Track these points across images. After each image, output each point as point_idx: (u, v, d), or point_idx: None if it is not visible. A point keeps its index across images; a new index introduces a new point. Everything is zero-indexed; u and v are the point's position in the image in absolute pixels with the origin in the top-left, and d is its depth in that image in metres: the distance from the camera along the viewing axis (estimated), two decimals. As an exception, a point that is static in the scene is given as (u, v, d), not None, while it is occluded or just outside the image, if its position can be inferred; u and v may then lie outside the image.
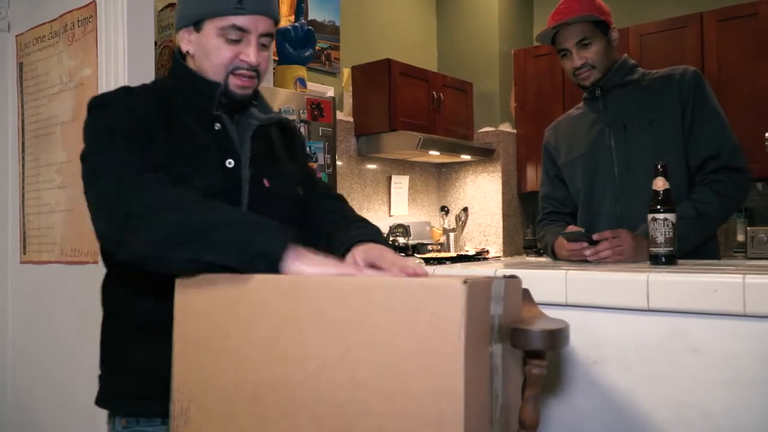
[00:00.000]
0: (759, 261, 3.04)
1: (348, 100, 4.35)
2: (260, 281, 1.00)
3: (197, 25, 1.29)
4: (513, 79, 4.95)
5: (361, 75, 4.33)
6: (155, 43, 2.73)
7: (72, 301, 2.52)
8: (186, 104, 1.32)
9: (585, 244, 1.80)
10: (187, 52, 1.34)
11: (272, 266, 1.00)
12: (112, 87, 2.39)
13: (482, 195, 4.93)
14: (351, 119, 4.34)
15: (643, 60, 4.04)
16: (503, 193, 4.84)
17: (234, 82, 1.30)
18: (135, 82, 2.37)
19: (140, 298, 1.26)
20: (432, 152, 4.37)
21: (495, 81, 4.88)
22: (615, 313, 1.37)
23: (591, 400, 1.39)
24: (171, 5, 2.90)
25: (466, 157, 4.74)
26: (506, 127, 4.91)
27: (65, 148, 2.59)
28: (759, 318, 1.21)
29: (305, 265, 1.00)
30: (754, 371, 1.22)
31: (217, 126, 1.32)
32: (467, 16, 5.02)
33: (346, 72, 4.35)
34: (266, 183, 1.35)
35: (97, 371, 1.34)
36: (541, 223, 2.24)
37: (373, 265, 1.13)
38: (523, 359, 1.03)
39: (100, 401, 1.33)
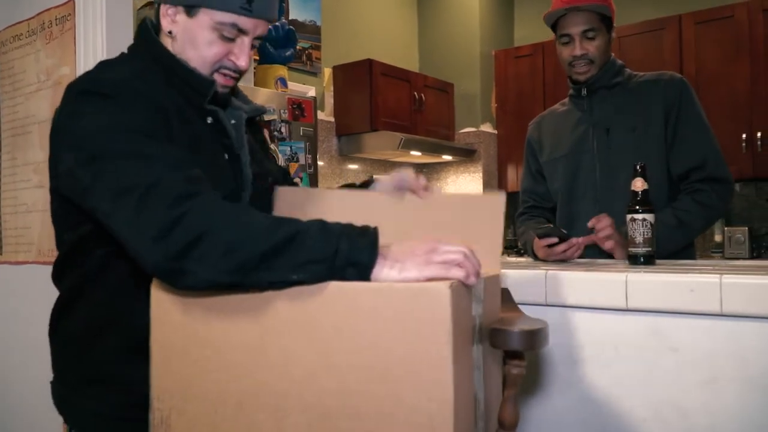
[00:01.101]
0: (736, 261, 3.08)
1: (329, 100, 4.34)
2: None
3: (191, 9, 1.16)
4: (494, 80, 4.97)
5: (343, 75, 4.32)
6: (134, 42, 2.70)
7: (50, 301, 2.48)
8: (173, 93, 1.18)
9: (555, 239, 1.81)
10: (169, 32, 1.20)
11: (363, 276, 0.89)
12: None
13: (463, 195, 4.93)
14: (332, 119, 4.33)
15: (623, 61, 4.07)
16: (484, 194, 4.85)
17: (217, 80, 1.20)
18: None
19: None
20: (413, 152, 4.37)
21: (476, 82, 4.90)
22: (594, 312, 1.38)
23: (570, 400, 1.40)
24: (149, 4, 2.87)
25: (447, 158, 4.75)
26: (487, 128, 4.93)
27: (43, 147, 2.55)
28: (735, 317, 1.22)
29: (397, 272, 0.89)
30: (730, 370, 1.23)
31: (210, 120, 1.21)
32: (448, 17, 5.03)
33: (327, 72, 4.34)
34: (269, 181, 1.29)
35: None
36: (522, 217, 2.23)
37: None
38: (503, 359, 1.04)
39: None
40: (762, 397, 1.20)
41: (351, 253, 0.89)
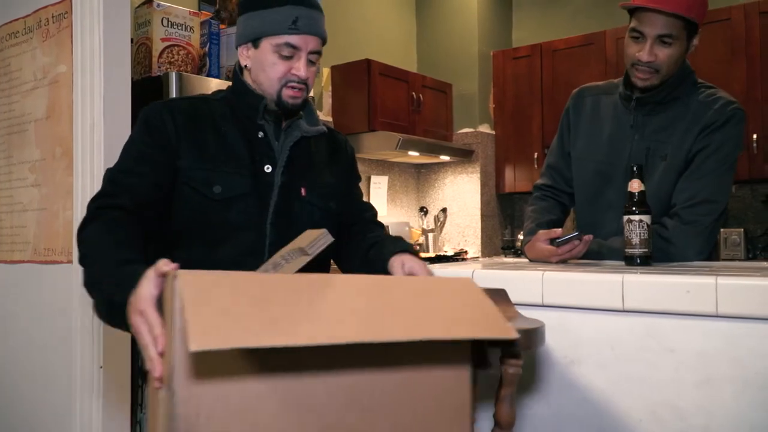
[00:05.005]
0: (731, 262, 3.08)
1: (327, 100, 4.34)
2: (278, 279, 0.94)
3: (255, 42, 1.46)
4: (492, 81, 4.97)
5: (341, 75, 4.32)
6: (131, 40, 2.70)
7: (44, 300, 2.48)
8: (235, 115, 1.49)
9: (576, 243, 1.74)
10: (245, 66, 1.50)
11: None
12: (88, 84, 2.38)
13: (461, 196, 4.94)
14: (330, 119, 4.33)
15: (621, 64, 4.07)
16: (482, 194, 4.86)
17: (287, 93, 1.46)
18: (111, 80, 2.37)
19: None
20: (411, 153, 4.37)
21: (474, 82, 4.90)
22: (591, 313, 1.38)
23: (567, 400, 1.40)
24: (147, 2, 2.87)
25: (445, 158, 4.76)
26: (485, 128, 4.93)
27: (39, 145, 2.55)
28: (730, 318, 1.22)
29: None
30: (725, 371, 1.23)
31: (260, 134, 1.49)
32: (447, 18, 5.03)
33: (326, 72, 4.34)
34: (303, 191, 1.50)
35: (69, 369, 1.32)
36: (538, 193, 2.11)
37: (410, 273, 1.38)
38: (500, 359, 1.04)
39: None
40: (757, 397, 1.21)
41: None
